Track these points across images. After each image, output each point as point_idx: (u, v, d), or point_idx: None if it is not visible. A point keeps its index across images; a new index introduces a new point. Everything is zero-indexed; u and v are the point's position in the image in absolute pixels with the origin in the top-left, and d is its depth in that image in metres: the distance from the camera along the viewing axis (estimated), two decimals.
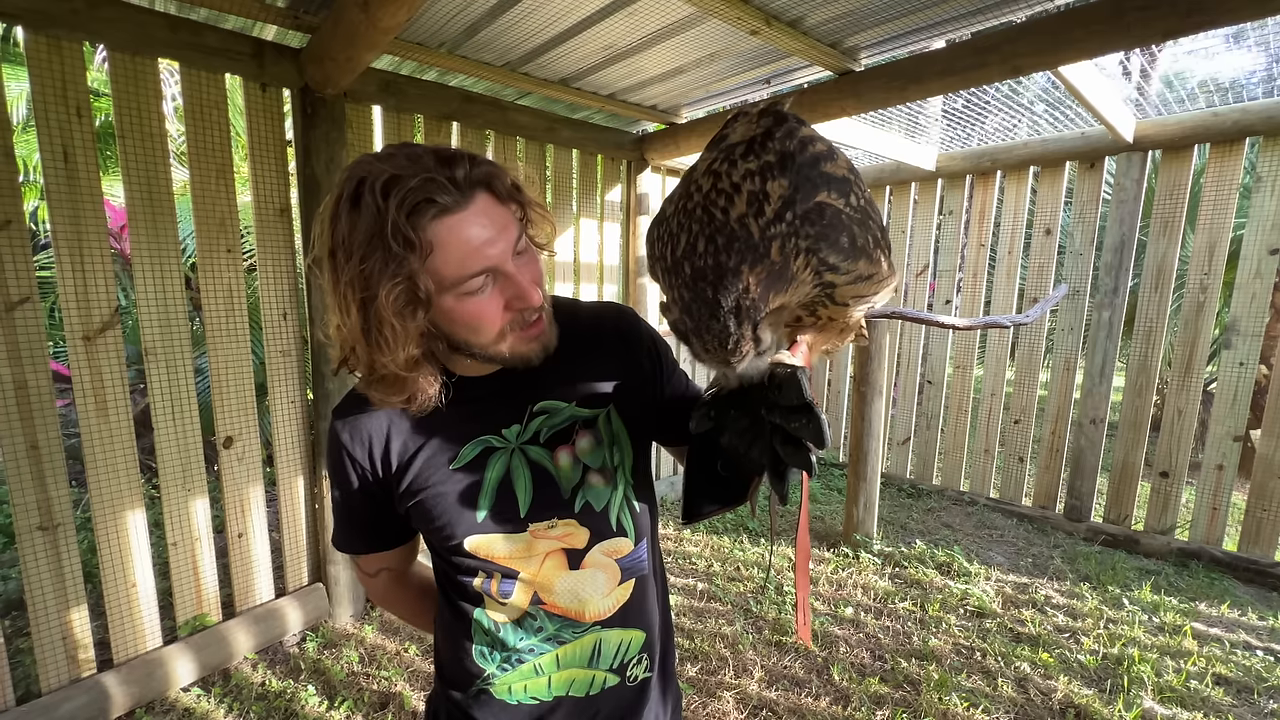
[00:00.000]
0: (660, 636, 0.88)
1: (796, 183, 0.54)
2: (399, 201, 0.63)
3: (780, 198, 0.54)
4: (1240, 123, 2.88)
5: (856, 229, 0.57)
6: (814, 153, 0.56)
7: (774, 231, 0.54)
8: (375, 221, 0.63)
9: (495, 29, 2.21)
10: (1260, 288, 2.96)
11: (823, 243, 0.55)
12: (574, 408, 0.81)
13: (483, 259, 0.67)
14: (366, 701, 2.12)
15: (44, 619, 1.90)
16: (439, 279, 0.67)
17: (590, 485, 0.80)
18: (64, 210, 1.84)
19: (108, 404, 1.95)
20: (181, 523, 2.17)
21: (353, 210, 0.65)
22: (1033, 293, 3.66)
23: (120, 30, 1.87)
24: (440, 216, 0.65)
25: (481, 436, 0.78)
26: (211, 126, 2.11)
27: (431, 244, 0.65)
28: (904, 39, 2.25)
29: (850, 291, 0.60)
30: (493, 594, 0.78)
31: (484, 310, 0.69)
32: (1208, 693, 2.18)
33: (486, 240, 0.68)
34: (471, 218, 0.67)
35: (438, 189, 0.64)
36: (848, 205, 0.57)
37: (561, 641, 0.79)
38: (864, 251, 0.58)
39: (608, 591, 0.81)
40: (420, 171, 0.64)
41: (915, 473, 4.35)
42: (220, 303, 2.19)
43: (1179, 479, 3.24)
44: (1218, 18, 1.66)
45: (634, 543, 0.83)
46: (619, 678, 0.83)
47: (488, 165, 0.70)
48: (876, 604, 2.79)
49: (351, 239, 0.64)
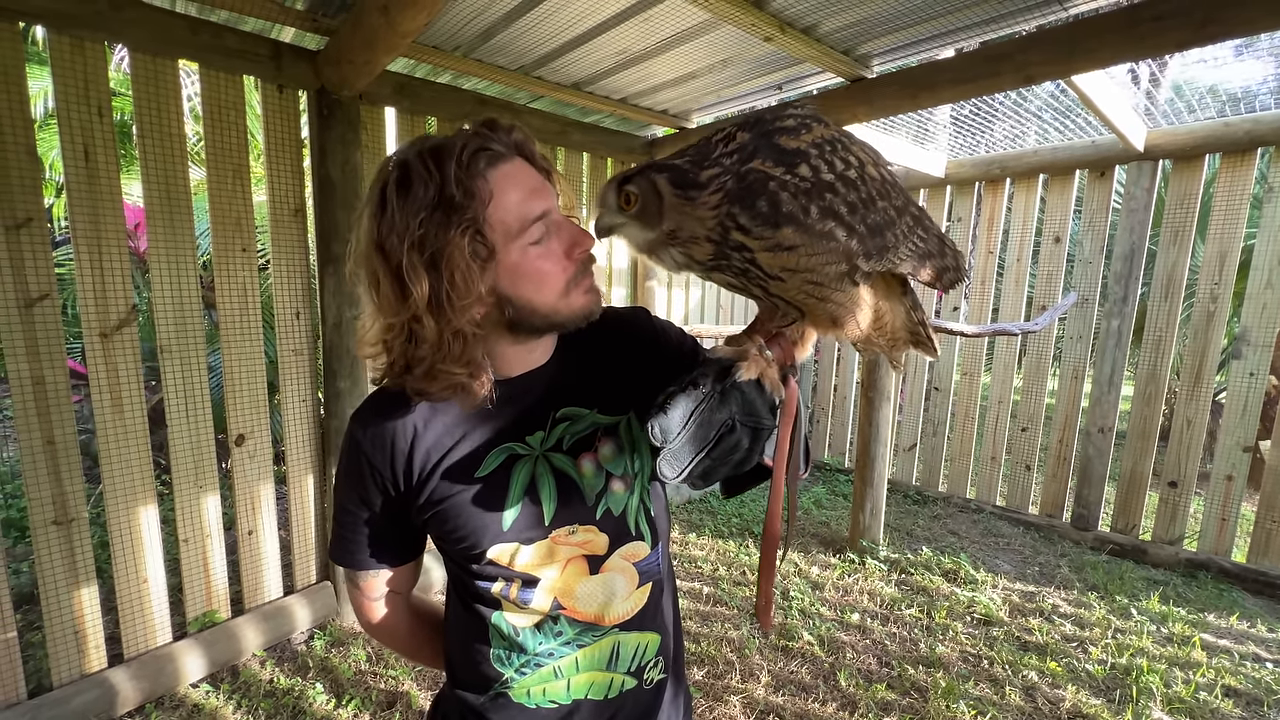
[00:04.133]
0: (673, 639, 0.88)
1: (756, 144, 0.60)
2: (456, 158, 0.64)
3: (740, 145, 0.61)
4: (1252, 133, 2.87)
5: (792, 197, 0.57)
6: (780, 126, 0.61)
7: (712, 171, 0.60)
8: (431, 187, 0.64)
9: (511, 33, 2.23)
10: (1271, 298, 2.95)
11: (737, 201, 0.59)
12: (596, 414, 0.80)
13: (538, 203, 0.69)
14: (374, 700, 2.12)
15: (56, 613, 1.91)
16: (504, 228, 0.67)
17: (612, 491, 0.79)
18: (84, 208, 1.86)
19: (123, 401, 1.97)
20: (193, 519, 2.19)
21: (402, 192, 0.65)
22: (1041, 300, 3.65)
23: (142, 31, 1.90)
24: (496, 164, 0.67)
25: (506, 444, 0.76)
26: (229, 127, 2.13)
27: (492, 192, 0.66)
28: (915, 47, 2.26)
29: (775, 261, 0.60)
30: (512, 599, 0.77)
31: (547, 261, 0.70)
32: (1217, 704, 2.17)
33: (537, 188, 0.70)
34: (517, 168, 0.70)
35: (489, 140, 0.67)
36: (791, 174, 0.58)
37: (581, 645, 0.79)
38: (792, 219, 0.57)
39: (626, 595, 0.81)
40: (464, 136, 0.67)
41: (921, 479, 4.34)
42: (234, 301, 2.20)
43: (1188, 489, 3.23)
44: (1234, 28, 1.66)
45: (651, 546, 0.83)
46: (636, 680, 0.83)
47: (521, 131, 0.72)
48: (883, 610, 2.78)
49: (406, 215, 0.64)
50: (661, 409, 0.61)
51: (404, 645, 0.93)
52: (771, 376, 0.66)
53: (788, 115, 0.62)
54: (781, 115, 0.62)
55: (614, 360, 0.85)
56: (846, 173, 0.60)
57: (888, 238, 0.62)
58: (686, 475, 0.62)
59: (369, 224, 0.67)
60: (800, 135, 0.60)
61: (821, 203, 0.58)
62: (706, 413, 0.62)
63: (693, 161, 0.62)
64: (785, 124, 0.61)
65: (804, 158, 0.58)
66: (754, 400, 0.64)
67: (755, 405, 0.64)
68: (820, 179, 0.58)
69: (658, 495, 0.87)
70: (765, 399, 0.65)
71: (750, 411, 0.64)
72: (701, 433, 0.61)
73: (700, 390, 0.62)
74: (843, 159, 0.60)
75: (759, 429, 0.64)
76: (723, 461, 0.63)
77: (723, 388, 0.63)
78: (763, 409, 0.65)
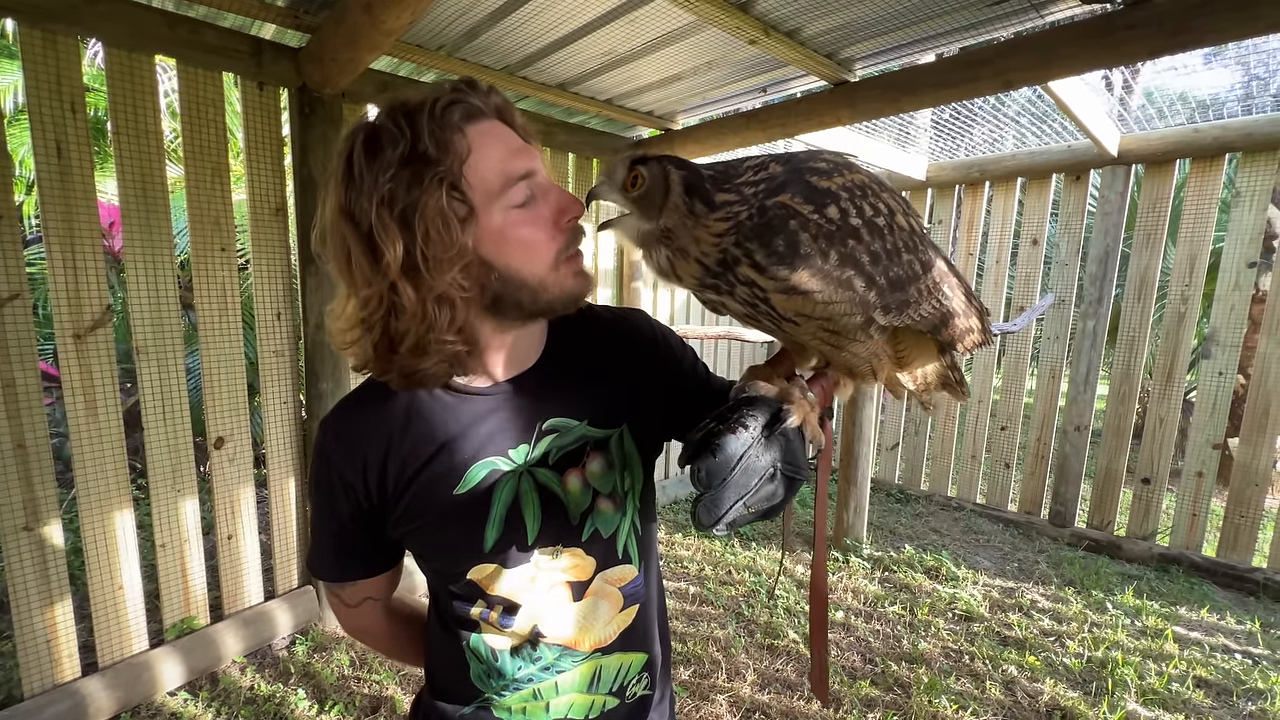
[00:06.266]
0: (660, 652, 0.85)
1: (787, 178, 0.58)
2: (428, 112, 0.60)
3: (771, 176, 0.59)
4: (1220, 139, 2.96)
5: (812, 239, 0.55)
6: (813, 166, 0.59)
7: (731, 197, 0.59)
8: (402, 144, 0.59)
9: (496, 33, 2.22)
10: (1239, 300, 3.04)
11: (755, 236, 0.56)
12: (586, 426, 0.75)
13: (524, 162, 0.64)
14: (357, 706, 2.10)
15: (27, 621, 1.86)
16: (484, 186, 0.62)
17: (599, 511, 0.74)
18: (56, 206, 1.81)
19: (97, 403, 1.93)
20: (170, 524, 2.14)
21: (370, 155, 0.60)
22: (1020, 301, 3.73)
23: (117, 26, 1.86)
24: (474, 120, 0.63)
25: (488, 459, 0.70)
26: (208, 124, 2.09)
27: (470, 146, 0.61)
28: (897, 52, 2.29)
29: (789, 305, 0.56)
30: (491, 622, 0.73)
31: (533, 227, 0.65)
32: (1189, 695, 2.23)
33: (520, 148, 0.65)
34: (498, 128, 0.65)
35: (467, 96, 0.63)
36: (819, 213, 0.56)
37: (561, 670, 0.75)
38: (809, 262, 0.54)
39: (609, 619, 0.77)
40: (438, 91, 0.63)
41: (904, 478, 4.40)
42: (213, 302, 2.16)
43: (1160, 485, 3.31)
44: (1203, 37, 1.71)
45: (639, 569, 0.79)
46: (619, 700, 0.80)
47: (500, 95, 0.68)
48: (866, 607, 2.82)
49: (375, 174, 0.59)
50: (710, 450, 0.55)
51: (384, 647, 0.90)
52: (814, 423, 0.61)
53: (821, 158, 0.61)
54: (815, 156, 0.61)
55: (607, 367, 0.80)
56: (875, 219, 0.58)
57: (909, 292, 0.59)
58: (720, 523, 0.56)
59: (335, 193, 0.62)
60: (833, 177, 0.58)
61: (843, 249, 0.55)
62: (752, 458, 0.56)
63: (713, 179, 0.60)
64: (818, 165, 0.59)
65: (834, 199, 0.57)
66: (796, 448, 0.60)
67: (797, 453, 0.59)
68: (848, 222, 0.56)
69: (650, 513, 0.82)
70: (805, 447, 0.61)
71: (791, 460, 0.59)
72: (744, 479, 0.56)
73: (749, 433, 0.57)
74: (872, 205, 0.58)
75: (794, 479, 0.59)
76: (756, 510, 0.58)
77: (770, 432, 0.58)
78: (803, 458, 0.60)
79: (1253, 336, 4.76)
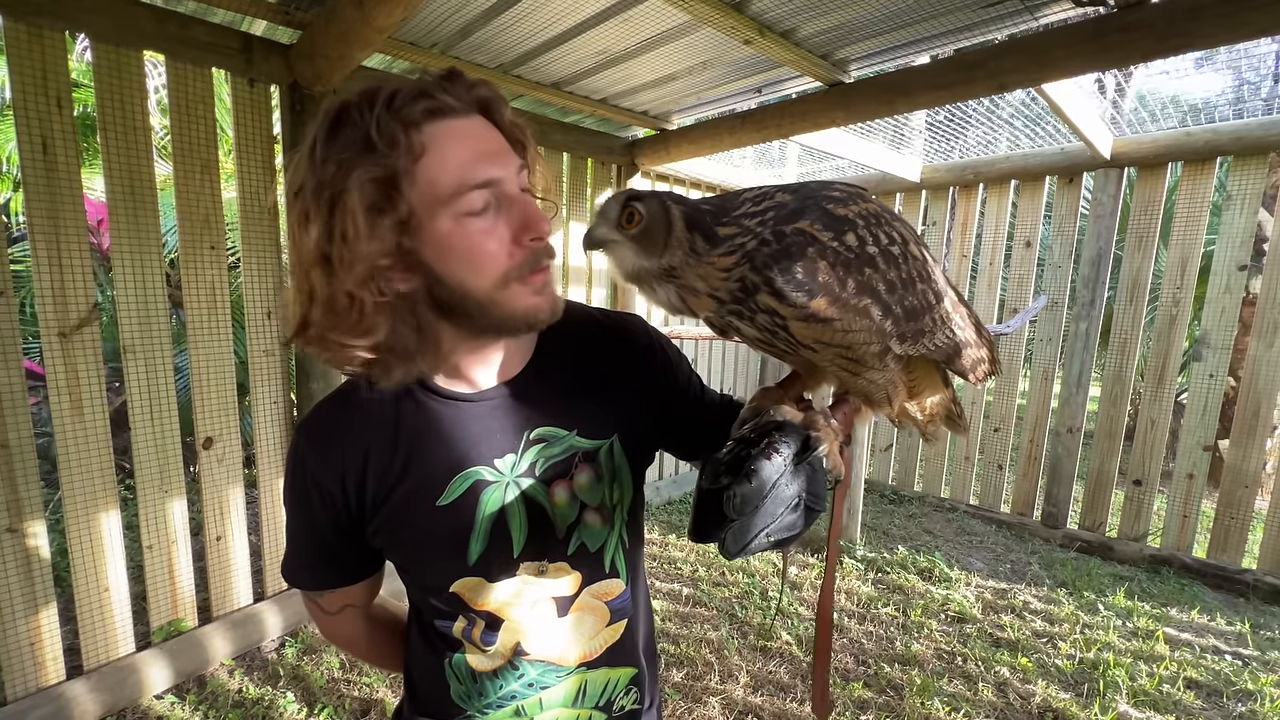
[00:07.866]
0: (646, 664, 0.83)
1: (803, 205, 0.58)
2: (387, 103, 0.57)
3: (779, 205, 0.59)
4: (1212, 143, 2.98)
5: (830, 267, 0.55)
6: (829, 194, 0.59)
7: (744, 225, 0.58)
8: (359, 130, 0.56)
9: (489, 31, 2.21)
10: (1230, 302, 3.05)
11: (773, 263, 0.55)
12: (575, 437, 0.72)
13: (486, 169, 0.60)
14: (347, 709, 2.08)
15: (11, 624, 1.83)
16: (434, 189, 0.58)
17: (586, 525, 0.72)
18: (42, 203, 1.79)
19: (83, 403, 1.90)
20: (158, 525, 2.11)
21: (331, 135, 0.58)
22: (1013, 303, 3.74)
23: (104, 20, 1.83)
24: (437, 118, 0.59)
25: (472, 469, 0.67)
26: (197, 121, 2.07)
27: (424, 145, 0.58)
28: (891, 53, 2.29)
29: (809, 333, 0.56)
30: (474, 640, 0.71)
31: (486, 238, 0.60)
32: (1179, 696, 2.24)
33: (490, 152, 0.61)
34: (473, 128, 0.61)
35: (438, 91, 0.59)
36: (838, 241, 0.56)
37: (545, 686, 0.74)
38: (827, 290, 0.54)
39: (594, 634, 0.75)
40: (412, 81, 0.60)
41: (897, 479, 4.41)
42: (202, 300, 2.14)
43: (1151, 487, 3.33)
44: (1194, 41, 1.72)
45: (626, 583, 0.77)
46: (605, 714, 0.78)
47: (489, 88, 0.63)
48: (860, 609, 2.82)
49: (324, 154, 0.57)
50: (745, 475, 0.53)
51: (366, 654, 0.87)
52: (835, 453, 0.60)
53: (835, 186, 0.61)
54: (829, 185, 0.61)
55: (600, 375, 0.77)
56: (890, 248, 0.58)
57: (924, 322, 0.59)
58: (741, 553, 0.55)
59: (302, 168, 0.60)
60: (849, 205, 0.58)
61: (860, 277, 0.55)
62: (782, 486, 0.55)
63: (712, 213, 0.59)
64: (833, 193, 0.59)
65: (852, 226, 0.57)
66: (820, 478, 0.58)
67: (819, 484, 0.58)
68: (865, 251, 0.56)
69: (637, 527, 0.80)
70: (826, 476, 0.59)
71: (813, 490, 0.57)
72: (772, 508, 0.54)
73: (781, 459, 0.55)
74: (887, 233, 0.59)
75: (813, 509, 0.58)
76: (774, 540, 0.56)
77: (799, 461, 0.56)
78: (824, 488, 0.59)
79: (1243, 339, 4.79)
